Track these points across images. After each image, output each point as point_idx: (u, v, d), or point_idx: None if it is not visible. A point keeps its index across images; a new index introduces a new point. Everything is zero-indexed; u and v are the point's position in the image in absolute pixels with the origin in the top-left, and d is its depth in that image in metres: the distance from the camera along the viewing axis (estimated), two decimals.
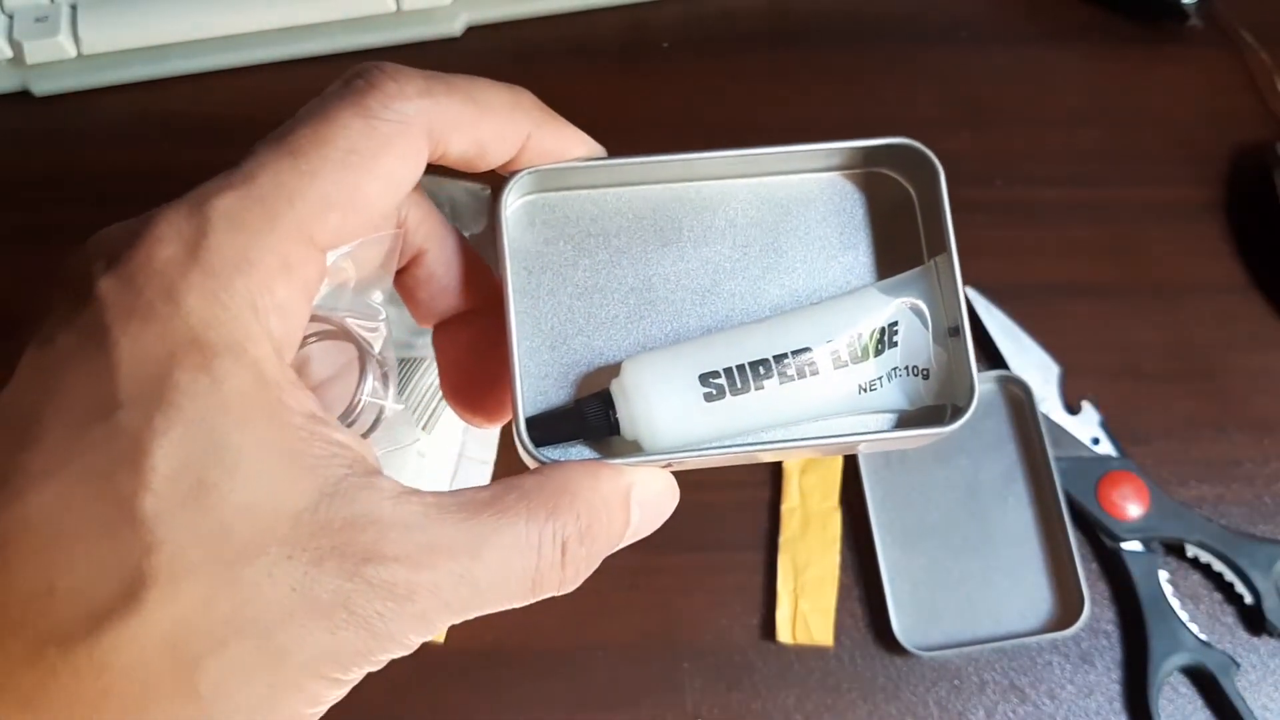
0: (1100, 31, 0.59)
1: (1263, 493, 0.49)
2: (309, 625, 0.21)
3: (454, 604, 0.23)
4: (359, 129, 0.24)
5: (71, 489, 0.20)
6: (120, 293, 0.22)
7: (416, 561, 0.22)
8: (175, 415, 0.21)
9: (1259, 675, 0.46)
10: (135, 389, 0.21)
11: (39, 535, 0.20)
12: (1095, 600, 0.47)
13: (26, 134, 0.57)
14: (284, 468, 0.22)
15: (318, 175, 0.23)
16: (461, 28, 0.59)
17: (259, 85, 0.58)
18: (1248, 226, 0.54)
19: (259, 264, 0.22)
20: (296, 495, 0.21)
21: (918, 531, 0.48)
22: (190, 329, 0.22)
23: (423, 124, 0.25)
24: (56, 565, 0.20)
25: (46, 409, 0.21)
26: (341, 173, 0.24)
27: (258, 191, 0.23)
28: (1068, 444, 0.49)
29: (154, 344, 0.21)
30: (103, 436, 0.21)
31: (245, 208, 0.23)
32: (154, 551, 0.20)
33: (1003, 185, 0.55)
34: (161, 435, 0.21)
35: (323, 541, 0.21)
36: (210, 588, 0.20)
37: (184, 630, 0.20)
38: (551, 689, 0.46)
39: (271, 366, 0.22)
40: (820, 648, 0.47)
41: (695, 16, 0.59)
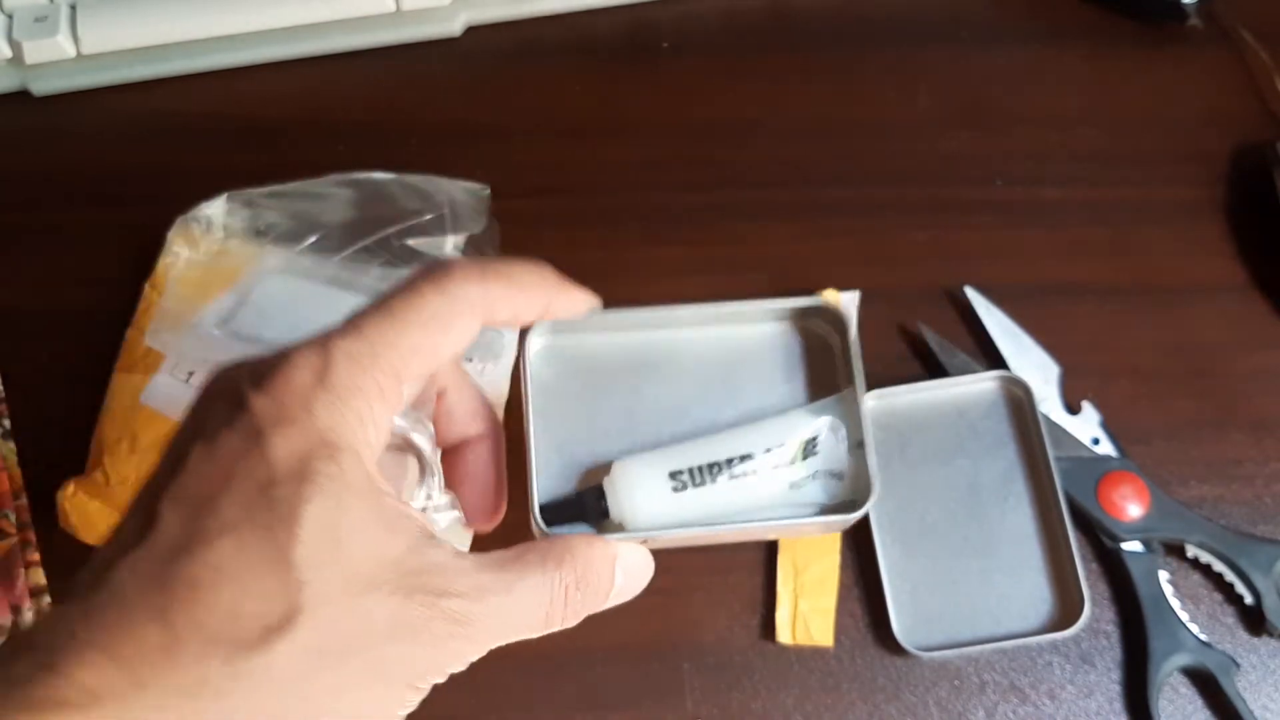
0: (1100, 31, 0.59)
1: (1263, 493, 0.49)
2: (404, 643, 0.30)
3: (494, 630, 0.32)
4: (438, 302, 0.33)
5: (245, 542, 0.29)
6: (269, 406, 0.30)
7: (473, 598, 0.31)
8: (315, 491, 0.29)
9: (1259, 676, 0.46)
10: (286, 472, 0.29)
11: (226, 575, 0.28)
12: (1095, 600, 0.47)
13: (26, 134, 0.57)
14: (384, 530, 0.31)
15: (407, 332, 0.32)
16: (461, 27, 0.59)
17: (259, 85, 0.58)
18: (1248, 226, 0.54)
19: (365, 390, 0.31)
20: (393, 548, 0.30)
21: (917, 532, 0.48)
22: (320, 432, 0.30)
23: (481, 303, 0.34)
24: (239, 595, 0.28)
25: (220, 487, 0.29)
26: (424, 332, 0.33)
27: (365, 339, 0.32)
28: (1068, 444, 0.49)
29: (297, 441, 0.30)
30: (264, 505, 0.29)
31: (358, 349, 0.32)
32: (303, 588, 0.29)
33: (1003, 185, 0.55)
34: (306, 504, 0.29)
35: (411, 581, 0.30)
36: (340, 613, 0.29)
37: (323, 643, 0.29)
38: (551, 689, 0.46)
39: (371, 462, 0.31)
40: (820, 648, 0.47)
41: (695, 16, 0.60)
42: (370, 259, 0.50)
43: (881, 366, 0.51)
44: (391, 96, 0.58)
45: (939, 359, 0.51)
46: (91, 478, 0.48)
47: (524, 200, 0.54)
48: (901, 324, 0.52)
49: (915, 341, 0.52)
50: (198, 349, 0.48)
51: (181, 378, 0.49)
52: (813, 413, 0.39)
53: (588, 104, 0.57)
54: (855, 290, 0.52)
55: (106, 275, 0.52)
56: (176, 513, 0.29)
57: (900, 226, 0.54)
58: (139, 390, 0.48)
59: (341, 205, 0.52)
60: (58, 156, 0.56)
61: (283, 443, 0.30)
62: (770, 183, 0.55)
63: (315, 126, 0.57)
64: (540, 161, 0.56)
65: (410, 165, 0.53)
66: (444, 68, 0.59)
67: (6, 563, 0.47)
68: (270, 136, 0.57)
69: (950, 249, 0.54)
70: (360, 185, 0.52)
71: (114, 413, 0.49)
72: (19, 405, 0.51)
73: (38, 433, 0.50)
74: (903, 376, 0.50)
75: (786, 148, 0.56)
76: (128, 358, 0.50)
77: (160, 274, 0.51)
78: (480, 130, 0.57)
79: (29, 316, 0.53)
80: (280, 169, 0.53)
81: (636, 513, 0.38)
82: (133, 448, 0.48)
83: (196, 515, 0.29)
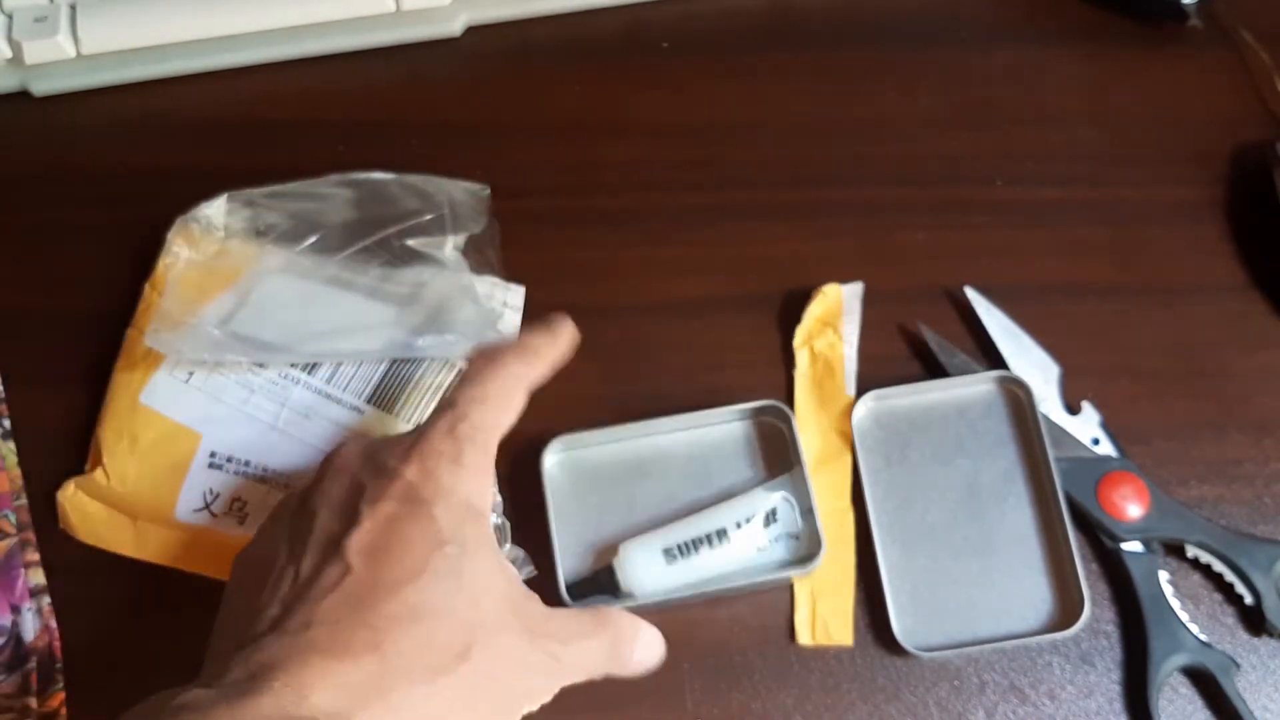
0: (1100, 31, 0.59)
1: (1263, 493, 0.49)
2: (523, 675, 0.38)
3: (572, 671, 0.40)
4: (511, 386, 0.42)
5: (427, 587, 0.36)
6: (424, 479, 0.38)
7: (563, 640, 0.39)
8: (472, 549, 0.38)
9: (1259, 676, 0.46)
10: (450, 534, 0.38)
11: (420, 613, 0.36)
12: (1095, 601, 0.47)
13: (25, 134, 0.57)
14: (507, 582, 0.39)
15: (499, 415, 0.41)
16: (461, 27, 0.59)
17: (259, 85, 0.58)
18: (1248, 226, 0.54)
19: (485, 468, 0.40)
20: (514, 596, 0.39)
21: (917, 532, 0.48)
22: (466, 501, 0.39)
23: (527, 379, 0.43)
24: (434, 629, 0.36)
25: (398, 544, 0.37)
26: (504, 413, 0.42)
27: (476, 424, 0.40)
28: (1068, 444, 0.49)
29: (455, 509, 0.38)
30: (439, 558, 0.37)
31: (476, 431, 0.40)
32: (473, 627, 0.37)
33: (1003, 185, 0.55)
34: (468, 559, 0.38)
35: (527, 624, 0.38)
36: (495, 647, 0.37)
37: (489, 669, 0.37)
38: None
39: (490, 525, 0.40)
40: (819, 648, 0.47)
41: (695, 16, 0.60)
42: (370, 259, 0.50)
43: (881, 367, 0.51)
44: (391, 96, 0.58)
45: (939, 359, 0.51)
46: (91, 478, 0.48)
47: (524, 200, 0.54)
48: (901, 324, 0.52)
49: (915, 341, 0.52)
50: (198, 349, 0.48)
51: (181, 377, 0.49)
52: (770, 489, 0.48)
53: (588, 104, 0.57)
54: (858, 282, 0.52)
55: (106, 275, 0.53)
56: (363, 561, 0.36)
57: (900, 226, 0.54)
58: (139, 390, 0.49)
59: (341, 205, 0.52)
60: (57, 157, 0.56)
61: (444, 510, 0.38)
62: (770, 183, 0.55)
63: (315, 126, 0.57)
64: (540, 161, 0.56)
65: (410, 165, 0.53)
66: (444, 68, 0.59)
67: (6, 563, 0.47)
68: (270, 137, 0.57)
69: (950, 249, 0.54)
70: (360, 185, 0.52)
71: (114, 413, 0.49)
72: (19, 405, 0.51)
73: (37, 432, 0.50)
74: (903, 377, 0.50)
75: (786, 148, 0.56)
76: (127, 357, 0.50)
77: (160, 274, 0.51)
78: (480, 130, 0.57)
79: (29, 316, 0.53)
80: (280, 169, 0.53)
81: (642, 584, 0.46)
82: (132, 448, 0.48)
83: (382, 564, 0.36)
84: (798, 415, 0.50)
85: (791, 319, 0.51)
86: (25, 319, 0.53)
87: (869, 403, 0.50)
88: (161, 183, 0.55)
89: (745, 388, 0.50)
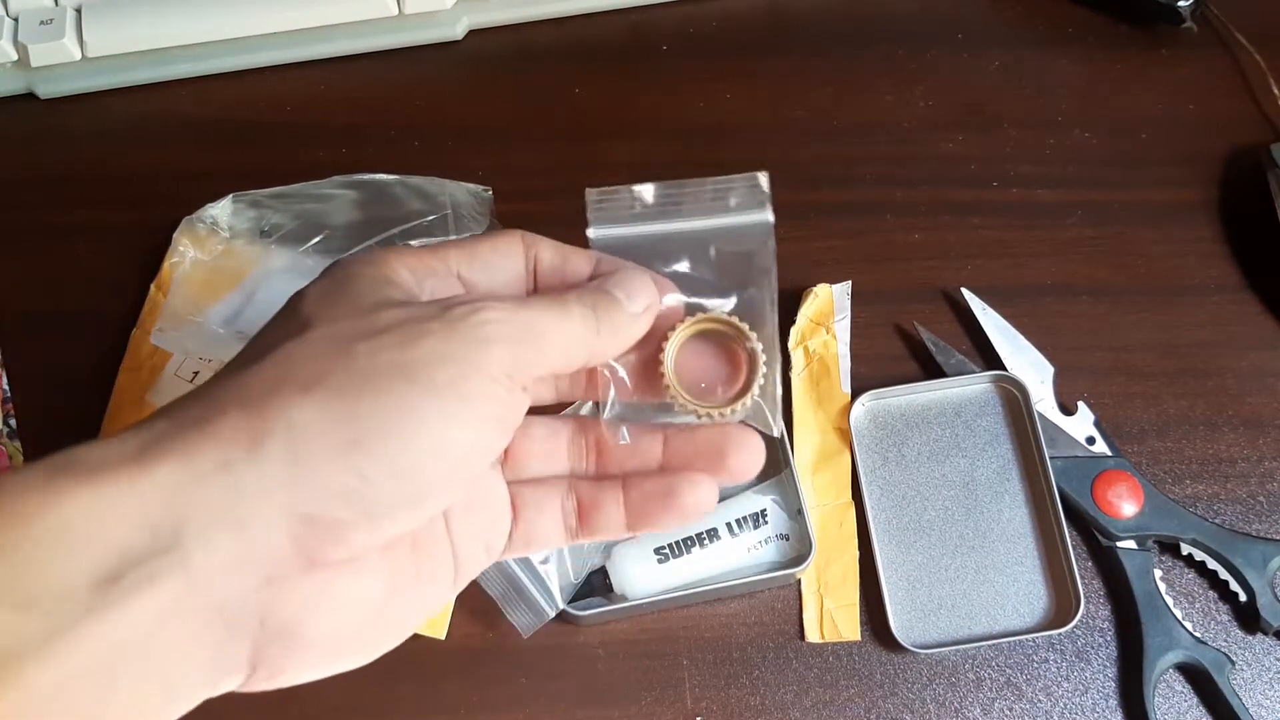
0: (1096, 34, 0.60)
1: (1256, 491, 0.50)
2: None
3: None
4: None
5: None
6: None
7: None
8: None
9: (1254, 673, 0.47)
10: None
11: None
12: (1090, 598, 0.47)
13: (31, 136, 0.57)
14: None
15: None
16: (463, 31, 0.59)
17: (262, 88, 0.58)
18: (1242, 227, 0.55)
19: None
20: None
21: (914, 529, 0.49)
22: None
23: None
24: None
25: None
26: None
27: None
28: (1063, 443, 0.49)
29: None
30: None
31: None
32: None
33: (999, 186, 0.56)
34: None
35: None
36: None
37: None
38: (551, 686, 0.47)
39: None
40: (816, 644, 0.47)
41: (695, 19, 0.60)
42: None
43: (878, 366, 0.51)
44: (395, 99, 0.58)
45: (935, 359, 0.51)
46: None
47: (526, 201, 0.54)
48: (898, 324, 0.53)
49: (911, 342, 0.52)
50: (203, 348, 0.48)
51: (187, 377, 0.49)
52: (760, 492, 0.48)
53: (589, 106, 0.58)
54: (846, 281, 0.52)
55: (112, 276, 0.53)
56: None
57: (897, 227, 0.55)
58: (145, 390, 0.49)
59: (345, 206, 0.52)
60: (63, 159, 0.57)
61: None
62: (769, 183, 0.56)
63: (319, 129, 0.57)
64: (542, 163, 0.56)
65: (413, 167, 0.53)
66: (446, 71, 0.59)
67: None
68: (275, 138, 0.57)
69: (947, 250, 0.54)
70: (364, 186, 0.53)
71: (120, 412, 0.49)
72: (25, 405, 0.51)
73: (44, 432, 0.50)
74: (899, 376, 0.51)
75: (785, 149, 0.57)
76: (133, 357, 0.50)
77: (166, 274, 0.51)
78: (482, 132, 0.57)
79: (36, 317, 0.53)
80: (285, 170, 0.53)
81: (634, 584, 0.46)
82: None
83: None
84: (795, 415, 0.50)
85: (786, 319, 0.52)
86: (31, 319, 0.53)
87: (866, 402, 0.50)
88: (167, 184, 0.55)
89: None
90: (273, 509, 0.27)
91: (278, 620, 0.28)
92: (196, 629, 0.27)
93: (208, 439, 0.27)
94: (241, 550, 0.27)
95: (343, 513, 0.28)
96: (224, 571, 0.27)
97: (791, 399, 0.51)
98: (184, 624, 0.27)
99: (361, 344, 0.29)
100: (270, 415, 0.28)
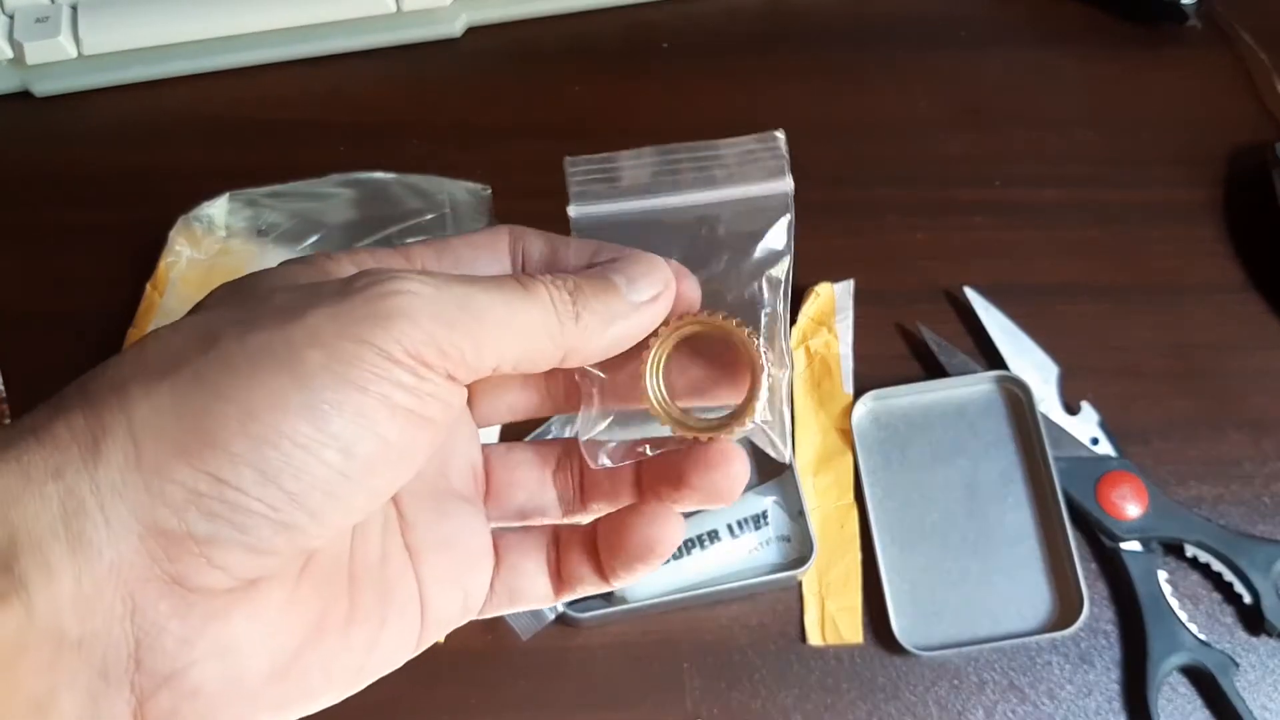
0: (1099, 33, 0.59)
1: (1261, 492, 0.49)
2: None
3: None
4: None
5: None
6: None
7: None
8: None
9: (1258, 675, 0.47)
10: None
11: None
12: (1094, 600, 0.47)
13: (27, 134, 0.57)
14: None
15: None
16: (461, 28, 0.59)
17: (259, 86, 0.58)
18: (1246, 227, 0.54)
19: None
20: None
21: (917, 531, 0.48)
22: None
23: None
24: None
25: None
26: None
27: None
28: (1067, 444, 0.49)
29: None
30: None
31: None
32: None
33: (1002, 186, 0.56)
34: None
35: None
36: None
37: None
38: (551, 688, 0.46)
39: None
40: (819, 647, 0.47)
41: (695, 17, 0.60)
42: None
43: (881, 367, 0.51)
44: (393, 97, 0.58)
45: (938, 359, 0.51)
46: None
47: (525, 200, 0.54)
48: (901, 324, 0.52)
49: (915, 342, 0.52)
50: None
51: None
52: (761, 493, 0.48)
53: (588, 104, 0.58)
54: (848, 280, 0.52)
55: (108, 275, 0.53)
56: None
57: (900, 227, 0.54)
58: None
59: (343, 205, 0.52)
60: (59, 157, 0.56)
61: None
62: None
63: (317, 127, 0.57)
64: (541, 161, 0.55)
65: (411, 165, 0.53)
66: (445, 68, 0.59)
67: None
68: (272, 137, 0.57)
69: (950, 249, 0.54)
70: (361, 185, 0.52)
71: None
72: (20, 405, 0.51)
73: None
74: (902, 377, 0.51)
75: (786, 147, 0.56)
76: None
77: (162, 273, 0.51)
78: (481, 130, 0.57)
79: (31, 316, 0.53)
80: (282, 169, 0.53)
81: (634, 585, 0.46)
82: None
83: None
84: (797, 415, 0.50)
85: (788, 319, 0.52)
86: (27, 319, 0.53)
87: (869, 402, 0.50)
88: (163, 183, 0.55)
89: None
90: (117, 521, 0.23)
91: (157, 663, 0.23)
92: (52, 668, 0.23)
93: (41, 445, 0.23)
94: (85, 570, 0.23)
95: (202, 526, 0.23)
96: (72, 597, 0.22)
97: (793, 400, 0.50)
98: (32, 662, 0.22)
99: (233, 327, 0.24)
100: (109, 413, 0.23)
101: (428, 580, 0.28)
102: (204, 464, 0.23)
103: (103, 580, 0.23)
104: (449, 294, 0.25)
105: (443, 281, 0.25)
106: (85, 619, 0.23)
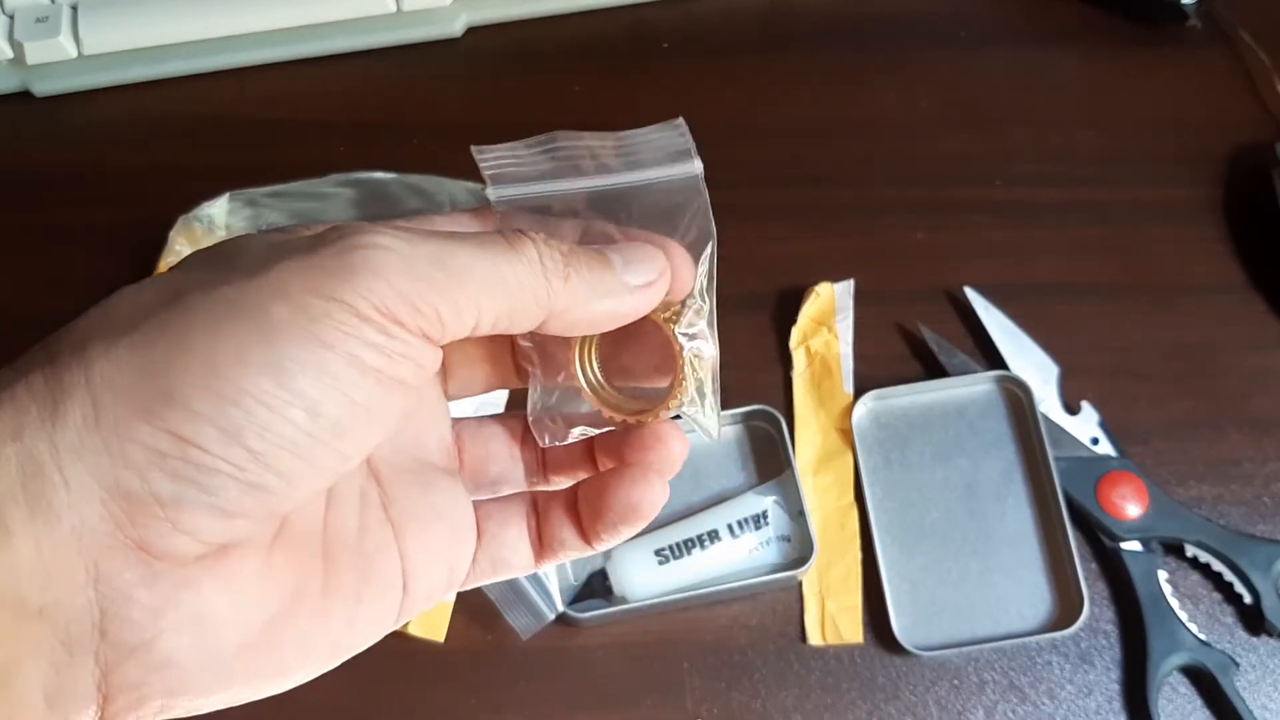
0: (1099, 32, 0.59)
1: (1261, 492, 0.49)
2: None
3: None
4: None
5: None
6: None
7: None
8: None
9: (1258, 675, 0.47)
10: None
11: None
12: (1094, 600, 0.47)
13: (27, 134, 0.57)
14: None
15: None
16: (461, 28, 0.59)
17: (260, 86, 0.58)
18: (1246, 227, 0.54)
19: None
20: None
21: (917, 531, 0.48)
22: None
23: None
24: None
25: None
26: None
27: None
28: (1067, 444, 0.49)
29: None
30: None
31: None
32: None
33: (1002, 185, 0.55)
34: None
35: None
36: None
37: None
38: (551, 688, 0.46)
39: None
40: (819, 647, 0.47)
41: (695, 17, 0.60)
42: None
43: (881, 366, 0.51)
44: (392, 97, 0.58)
45: (938, 359, 0.51)
46: None
47: None
48: (901, 324, 0.52)
49: (915, 341, 0.52)
50: None
51: None
52: (761, 493, 0.48)
53: (588, 104, 0.58)
54: (849, 280, 0.52)
55: (108, 275, 0.52)
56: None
57: (900, 227, 0.54)
58: None
59: (343, 205, 0.52)
60: (59, 157, 0.56)
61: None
62: (770, 182, 0.55)
63: (317, 126, 0.57)
64: None
65: (411, 165, 0.53)
66: (445, 68, 0.59)
67: None
68: (272, 136, 0.57)
69: (950, 249, 0.54)
70: (361, 185, 0.52)
71: None
72: None
73: None
74: (902, 376, 0.51)
75: (786, 148, 0.56)
76: None
77: (161, 273, 0.51)
78: (481, 130, 0.56)
79: (31, 317, 0.53)
80: (282, 168, 0.53)
81: (634, 585, 0.46)
82: None
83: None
84: (797, 415, 0.50)
85: (788, 319, 0.52)
86: (26, 319, 0.53)
87: (869, 402, 0.50)
88: (163, 182, 0.55)
89: (743, 388, 0.50)
90: (77, 484, 0.22)
91: (123, 633, 0.23)
92: (12, 638, 0.22)
93: (1, 407, 0.23)
94: (45, 535, 0.22)
95: (166, 487, 0.22)
96: (31, 563, 0.22)
97: (793, 399, 0.50)
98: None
99: (201, 283, 0.24)
100: (68, 372, 0.23)
101: (412, 554, 0.28)
102: (164, 422, 0.22)
103: (64, 546, 0.22)
104: (423, 249, 0.24)
105: (418, 237, 0.24)
106: (46, 587, 0.22)
